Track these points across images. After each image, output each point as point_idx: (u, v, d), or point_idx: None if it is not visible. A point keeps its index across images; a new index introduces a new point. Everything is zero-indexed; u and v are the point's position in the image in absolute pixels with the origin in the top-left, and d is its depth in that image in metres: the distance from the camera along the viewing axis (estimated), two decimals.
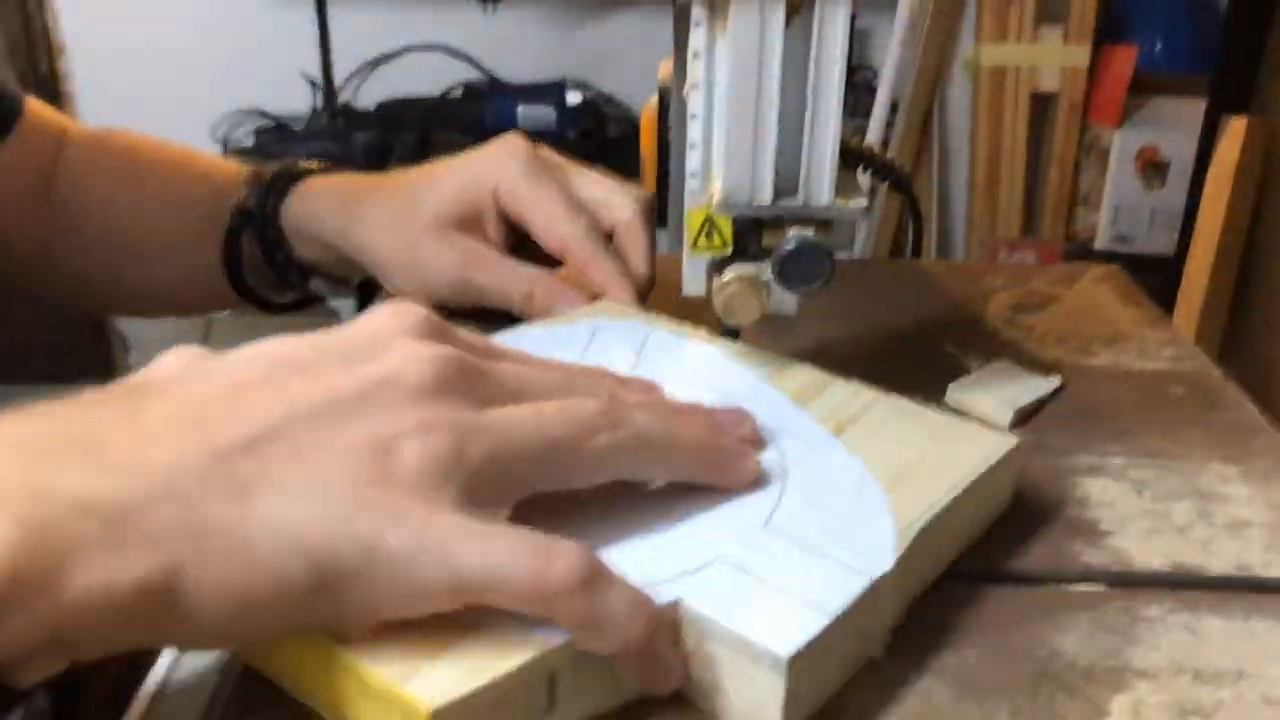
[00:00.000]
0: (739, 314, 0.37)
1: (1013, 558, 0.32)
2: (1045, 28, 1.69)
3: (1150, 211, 1.67)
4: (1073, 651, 0.28)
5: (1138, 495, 0.35)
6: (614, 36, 1.74)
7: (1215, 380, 0.44)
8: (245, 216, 0.51)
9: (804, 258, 0.35)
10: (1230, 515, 0.34)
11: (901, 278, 0.56)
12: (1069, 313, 0.51)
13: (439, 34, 1.74)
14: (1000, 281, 0.55)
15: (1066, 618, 0.29)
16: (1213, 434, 0.39)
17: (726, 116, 0.35)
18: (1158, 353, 0.46)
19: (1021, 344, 0.48)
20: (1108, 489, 0.36)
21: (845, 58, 0.34)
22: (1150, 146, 1.65)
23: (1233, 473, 0.37)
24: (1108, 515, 0.34)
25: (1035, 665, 0.27)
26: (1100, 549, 0.32)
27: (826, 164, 0.35)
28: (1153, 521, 0.34)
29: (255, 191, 0.51)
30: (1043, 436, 0.39)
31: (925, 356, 0.46)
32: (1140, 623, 0.29)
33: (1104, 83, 1.67)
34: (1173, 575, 0.31)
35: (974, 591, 0.30)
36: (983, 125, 1.71)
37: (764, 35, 0.33)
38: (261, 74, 1.71)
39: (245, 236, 0.51)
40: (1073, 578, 0.31)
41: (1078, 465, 0.37)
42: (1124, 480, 0.36)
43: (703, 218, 0.37)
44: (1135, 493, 0.35)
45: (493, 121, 1.64)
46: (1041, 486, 0.35)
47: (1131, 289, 0.55)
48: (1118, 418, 0.41)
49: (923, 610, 0.29)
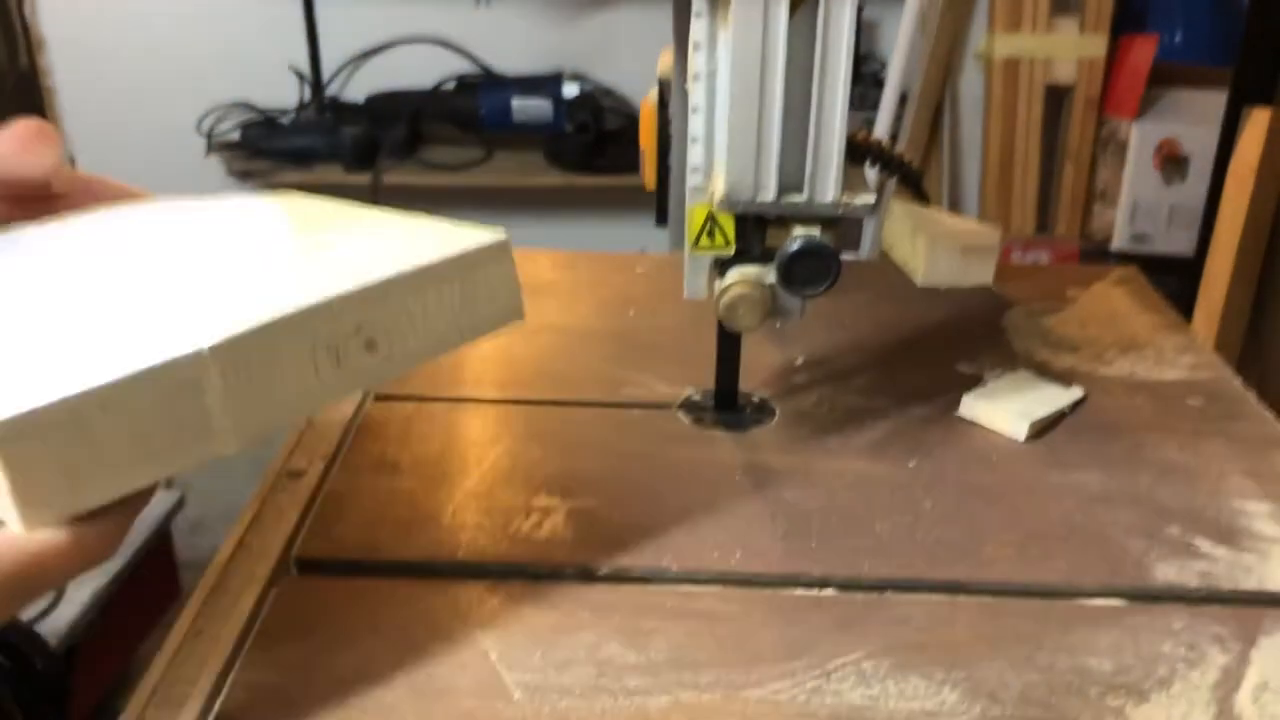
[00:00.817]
0: (742, 319, 0.35)
1: (1031, 572, 0.31)
2: (1061, 17, 1.66)
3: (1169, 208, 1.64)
4: (1092, 665, 0.27)
5: (1156, 511, 0.34)
6: (612, 27, 1.72)
7: (1235, 390, 0.42)
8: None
9: (809, 259, 0.34)
10: (1251, 531, 0.33)
11: (910, 280, 0.55)
12: (1084, 318, 0.50)
13: (430, 25, 1.72)
14: (1013, 283, 0.53)
15: (1086, 632, 0.28)
16: (1233, 446, 0.38)
17: (729, 110, 0.33)
18: (1175, 360, 0.45)
19: (1035, 351, 0.46)
20: (1125, 504, 0.34)
21: (852, 48, 0.33)
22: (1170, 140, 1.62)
23: (1252, 488, 0.35)
24: (1125, 529, 0.33)
25: (1055, 677, 0.26)
26: (1122, 564, 0.31)
27: (833, 159, 0.34)
28: (1171, 537, 0.32)
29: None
30: (1057, 451, 0.37)
31: (935, 363, 0.45)
32: (1160, 637, 0.28)
33: (1121, 74, 1.64)
34: (1194, 591, 0.30)
35: (993, 604, 0.29)
36: (995, 119, 1.68)
37: (768, 25, 0.32)
38: (248, 66, 1.69)
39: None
40: (1092, 592, 0.30)
41: (1091, 480, 0.36)
42: (1143, 495, 0.35)
43: (705, 215, 0.36)
44: (1154, 508, 0.34)
45: (487, 114, 1.63)
46: (1057, 501, 0.34)
47: (1149, 292, 0.53)
48: (1134, 430, 0.39)
49: (943, 623, 0.28)
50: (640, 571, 0.30)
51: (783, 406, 0.40)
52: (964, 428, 0.39)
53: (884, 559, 0.31)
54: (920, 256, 0.53)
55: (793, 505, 0.34)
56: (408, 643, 0.27)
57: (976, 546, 0.32)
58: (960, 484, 0.35)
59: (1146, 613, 0.29)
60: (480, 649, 0.27)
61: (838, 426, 0.39)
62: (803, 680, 0.26)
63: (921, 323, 0.49)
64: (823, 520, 0.33)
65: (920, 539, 0.32)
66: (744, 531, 0.32)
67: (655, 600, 0.29)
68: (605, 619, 0.28)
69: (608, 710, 0.25)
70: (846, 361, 0.44)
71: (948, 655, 0.27)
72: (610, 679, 0.26)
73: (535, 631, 0.28)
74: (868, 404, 0.41)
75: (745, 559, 0.31)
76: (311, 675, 0.26)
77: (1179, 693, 0.26)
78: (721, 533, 0.32)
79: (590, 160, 1.63)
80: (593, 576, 0.30)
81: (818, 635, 0.28)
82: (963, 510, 0.34)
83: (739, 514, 0.33)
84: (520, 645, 0.27)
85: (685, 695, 0.26)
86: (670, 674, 0.26)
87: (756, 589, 0.30)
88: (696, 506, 0.33)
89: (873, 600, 0.29)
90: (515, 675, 0.26)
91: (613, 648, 0.27)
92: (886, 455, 0.37)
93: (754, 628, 0.28)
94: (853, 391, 0.42)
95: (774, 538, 0.32)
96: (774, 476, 0.35)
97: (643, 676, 0.26)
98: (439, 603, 0.29)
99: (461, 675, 0.26)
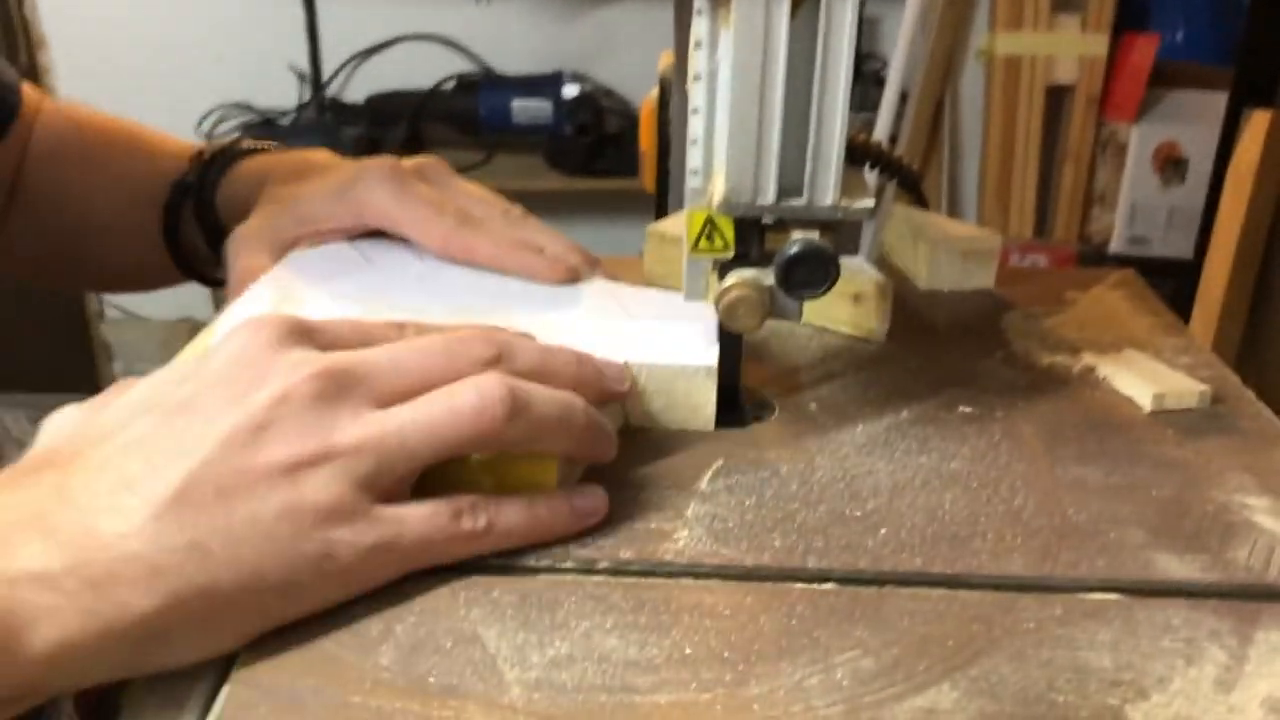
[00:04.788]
0: (741, 321, 0.36)
1: (1031, 567, 0.31)
2: (1062, 15, 1.66)
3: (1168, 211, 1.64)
4: (1092, 661, 0.27)
5: (1155, 505, 0.34)
6: (613, 26, 1.72)
7: (1234, 389, 0.43)
8: (184, 191, 0.52)
9: (808, 263, 0.34)
10: (1250, 526, 0.33)
11: (912, 283, 0.55)
12: (1083, 320, 0.50)
13: (431, 24, 1.72)
14: (1012, 287, 0.54)
15: (1085, 627, 0.28)
16: (1232, 443, 0.38)
17: (729, 108, 0.33)
18: (1174, 361, 0.45)
19: (1033, 352, 0.46)
20: (1124, 499, 0.34)
21: (853, 50, 0.33)
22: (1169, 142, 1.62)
23: (1251, 483, 0.35)
24: (1124, 524, 0.33)
25: (1054, 673, 0.26)
26: (1120, 559, 0.31)
27: (832, 163, 0.34)
28: (1170, 532, 0.33)
29: (196, 168, 0.52)
30: (1058, 447, 0.38)
31: (935, 362, 0.45)
32: (1160, 633, 0.28)
33: (1122, 74, 1.64)
34: (1193, 586, 0.30)
35: (993, 599, 0.29)
36: (996, 119, 1.69)
37: (769, 24, 0.32)
38: (247, 66, 1.70)
39: (185, 212, 0.52)
40: (1091, 587, 0.30)
41: (1090, 475, 0.36)
42: (1141, 490, 0.35)
43: (704, 218, 0.36)
44: (1152, 503, 0.34)
45: (487, 114, 1.63)
46: (1057, 496, 0.34)
47: (1147, 294, 0.53)
48: (1133, 427, 0.39)
49: (943, 618, 0.28)
50: (640, 566, 0.30)
51: (783, 404, 0.41)
52: (964, 425, 0.39)
53: (883, 554, 0.31)
54: (922, 261, 0.53)
55: (793, 501, 0.34)
56: (408, 639, 0.27)
57: (976, 542, 0.32)
58: (960, 480, 0.35)
59: (1146, 608, 0.29)
60: (478, 644, 0.27)
61: (838, 424, 0.39)
62: (803, 675, 0.26)
63: (922, 324, 0.49)
64: (823, 515, 0.33)
65: (920, 534, 0.32)
66: (743, 526, 0.32)
67: (655, 595, 0.29)
68: (604, 614, 0.28)
69: (606, 706, 0.25)
70: (848, 360, 0.45)
71: (947, 651, 0.27)
72: (609, 675, 0.26)
73: (534, 627, 0.28)
74: (868, 402, 0.41)
75: (745, 554, 0.31)
76: (312, 674, 0.26)
77: (1178, 689, 0.26)
78: (721, 527, 0.32)
79: (590, 163, 1.63)
80: (592, 570, 0.30)
81: (818, 630, 0.28)
82: (963, 506, 0.34)
83: (738, 509, 0.33)
84: (518, 641, 0.27)
85: (685, 691, 0.26)
86: (670, 670, 0.27)
87: (756, 583, 0.30)
88: (696, 502, 0.33)
89: (872, 595, 0.30)
90: (513, 671, 0.26)
91: (612, 643, 0.27)
92: (886, 452, 0.37)
93: (754, 623, 0.28)
94: (854, 389, 0.42)
95: (773, 533, 0.32)
96: (774, 473, 0.35)
97: (642, 672, 0.26)
98: (437, 597, 0.29)
99: (459, 671, 0.26)
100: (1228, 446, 0.38)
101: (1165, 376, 0.42)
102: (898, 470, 0.36)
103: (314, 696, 0.26)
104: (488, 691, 0.26)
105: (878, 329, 0.46)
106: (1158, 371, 0.43)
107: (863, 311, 0.46)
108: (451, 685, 0.26)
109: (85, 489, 0.26)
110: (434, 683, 0.26)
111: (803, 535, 0.32)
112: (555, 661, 0.27)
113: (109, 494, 0.26)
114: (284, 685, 0.26)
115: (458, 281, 0.44)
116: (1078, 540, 0.32)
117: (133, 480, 0.26)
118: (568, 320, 0.41)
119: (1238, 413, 0.41)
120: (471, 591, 0.29)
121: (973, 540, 0.32)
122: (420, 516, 0.29)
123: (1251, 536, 0.33)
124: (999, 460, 0.37)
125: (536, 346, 0.33)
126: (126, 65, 1.71)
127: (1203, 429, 0.39)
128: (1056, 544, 0.32)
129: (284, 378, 0.28)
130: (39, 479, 0.27)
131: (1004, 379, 0.43)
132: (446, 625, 0.28)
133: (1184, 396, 0.41)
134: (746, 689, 0.26)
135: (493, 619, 0.28)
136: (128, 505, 0.25)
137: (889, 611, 0.29)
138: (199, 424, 0.27)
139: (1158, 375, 0.42)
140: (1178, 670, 0.27)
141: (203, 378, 0.28)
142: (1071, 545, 0.32)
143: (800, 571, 0.30)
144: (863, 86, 1.49)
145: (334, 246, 0.47)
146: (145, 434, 0.27)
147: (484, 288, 0.44)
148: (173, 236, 0.53)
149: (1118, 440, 0.38)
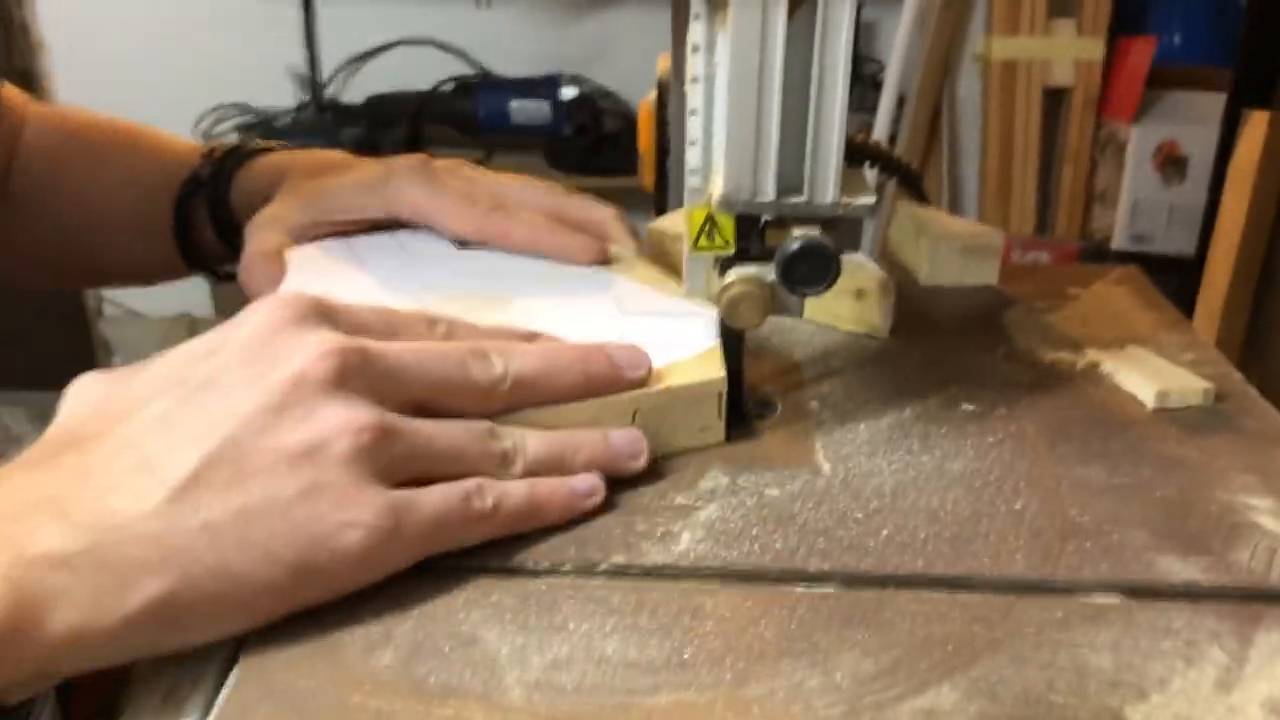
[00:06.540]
0: (743, 317, 0.36)
1: (1031, 568, 0.31)
2: (1058, 19, 1.66)
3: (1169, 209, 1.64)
4: (1092, 662, 0.27)
5: (1157, 506, 0.34)
6: (611, 28, 1.72)
7: (1237, 387, 0.43)
8: (197, 186, 0.52)
9: (809, 259, 0.34)
10: (1253, 527, 0.33)
11: (914, 279, 0.55)
12: (1085, 316, 0.50)
13: (429, 27, 1.72)
14: (1014, 282, 0.53)
15: (1086, 629, 0.28)
16: (1235, 442, 0.38)
17: (727, 111, 0.33)
18: (1177, 357, 0.45)
19: (1036, 347, 0.46)
20: (1127, 500, 0.34)
21: (851, 50, 0.33)
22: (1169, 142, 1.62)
23: (1256, 484, 0.35)
24: (1127, 525, 0.33)
25: (1054, 675, 0.26)
26: (1121, 559, 0.31)
27: (832, 160, 0.34)
28: (1172, 532, 0.32)
29: (209, 164, 0.52)
30: (1059, 446, 0.37)
31: (936, 360, 0.45)
32: (1160, 634, 0.28)
33: (1120, 76, 1.64)
34: (1194, 587, 0.30)
35: (993, 601, 0.29)
36: (994, 121, 1.68)
37: (766, 27, 0.32)
38: (246, 68, 1.70)
39: (197, 208, 0.53)
40: (1092, 588, 0.30)
41: (1092, 475, 0.36)
42: (1144, 490, 0.35)
43: (704, 216, 0.36)
44: (1155, 503, 0.34)
45: (485, 116, 1.63)
46: (1058, 496, 0.34)
47: (1150, 290, 0.53)
48: (1136, 425, 0.39)
49: (943, 620, 0.28)
50: (639, 568, 0.30)
51: (784, 402, 0.40)
52: (965, 424, 0.39)
53: (884, 555, 0.31)
54: (924, 257, 0.53)
55: (793, 500, 0.34)
56: (408, 640, 0.27)
57: (978, 543, 0.32)
58: (961, 480, 0.35)
59: (1147, 610, 0.29)
60: (478, 646, 0.27)
61: (840, 422, 0.39)
62: (803, 677, 0.26)
63: (924, 320, 0.49)
64: (824, 516, 0.33)
65: (921, 535, 0.32)
66: (744, 527, 0.32)
67: (655, 597, 0.29)
68: (605, 616, 0.28)
69: (606, 707, 0.25)
70: (850, 357, 0.45)
71: (947, 652, 0.27)
72: (610, 676, 0.26)
73: (534, 628, 0.28)
74: (871, 399, 0.41)
75: (745, 555, 0.31)
76: (313, 675, 0.26)
77: (1178, 690, 0.26)
78: (722, 528, 0.32)
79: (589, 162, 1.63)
80: (592, 572, 0.30)
81: (818, 632, 0.28)
82: (963, 506, 0.34)
83: (739, 509, 0.33)
84: (518, 643, 0.27)
85: (685, 693, 0.26)
86: (670, 672, 0.26)
87: (757, 585, 0.30)
88: (697, 503, 0.33)
89: (873, 597, 0.29)
90: (513, 673, 0.26)
91: (612, 645, 0.27)
92: (888, 450, 0.37)
93: (754, 625, 0.28)
94: (856, 386, 0.42)
95: (774, 534, 0.32)
96: (775, 472, 0.35)
97: (642, 674, 0.26)
98: (438, 599, 0.29)
99: (459, 672, 0.26)
100: (1232, 445, 0.38)
101: (1169, 373, 0.42)
102: (900, 470, 0.36)
103: (314, 697, 0.25)
104: (488, 693, 0.26)
105: (880, 325, 0.46)
106: (1161, 368, 0.43)
107: (865, 308, 0.46)
108: (452, 686, 0.26)
109: (104, 471, 0.26)
110: (434, 684, 0.26)
111: (804, 536, 0.32)
112: (555, 663, 0.27)
113: (127, 475, 0.26)
114: (284, 685, 0.26)
115: (485, 267, 0.45)
116: (1080, 542, 0.32)
117: (151, 462, 0.26)
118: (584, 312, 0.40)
119: (1242, 410, 0.41)
120: (472, 594, 0.29)
121: (974, 541, 0.32)
122: (433, 500, 0.29)
123: (1254, 538, 0.32)
124: (1002, 459, 0.37)
125: (538, 351, 0.34)
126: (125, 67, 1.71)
127: (1206, 427, 0.39)
128: (1059, 545, 0.32)
129: (302, 358, 0.28)
130: (59, 461, 0.27)
131: (1007, 375, 0.43)
132: (447, 627, 0.28)
133: (1188, 394, 0.41)
134: (746, 690, 0.26)
135: (493, 621, 0.28)
136: (145, 487, 0.26)
137: (889, 613, 0.29)
138: (219, 404, 0.27)
139: (1161, 372, 0.42)
140: (1177, 671, 0.27)
141: (224, 355, 0.29)
142: (1074, 547, 0.32)
143: (801, 573, 0.30)
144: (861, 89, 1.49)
145: (369, 236, 0.47)
146: (165, 413, 0.27)
147: (510, 273, 0.44)
148: (183, 232, 0.53)
149: (1121, 438, 0.38)
